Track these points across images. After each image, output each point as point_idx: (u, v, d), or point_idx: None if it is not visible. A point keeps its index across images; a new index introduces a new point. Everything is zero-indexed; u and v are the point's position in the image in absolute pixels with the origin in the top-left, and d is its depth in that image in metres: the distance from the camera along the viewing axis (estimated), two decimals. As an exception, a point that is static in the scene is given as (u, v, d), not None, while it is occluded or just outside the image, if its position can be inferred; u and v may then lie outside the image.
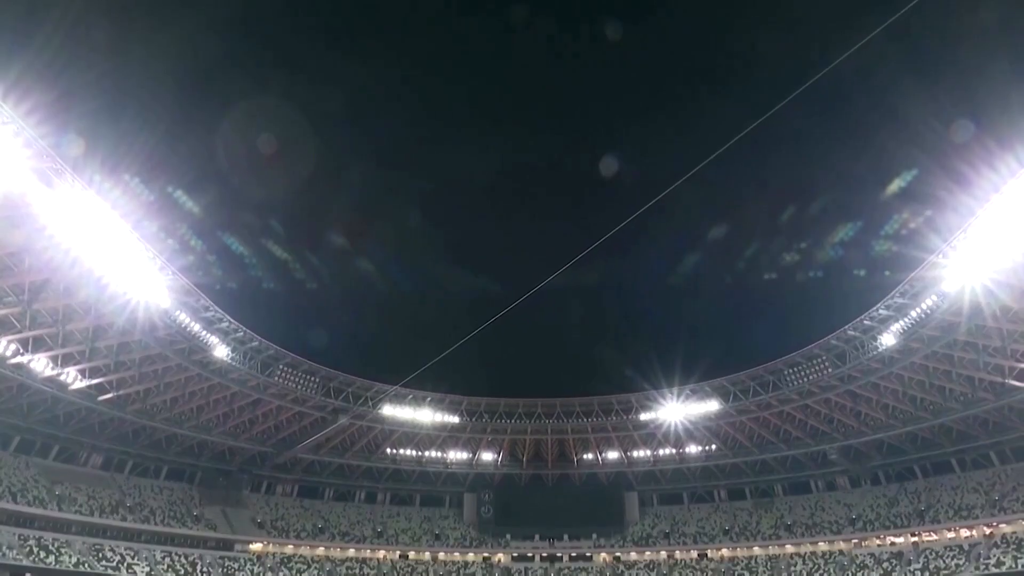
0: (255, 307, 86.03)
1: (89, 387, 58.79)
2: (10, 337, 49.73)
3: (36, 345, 51.85)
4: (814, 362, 66.43)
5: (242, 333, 61.65)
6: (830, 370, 65.49)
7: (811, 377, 67.23)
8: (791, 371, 68.31)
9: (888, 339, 58.75)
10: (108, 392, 60.72)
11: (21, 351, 51.37)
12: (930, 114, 59.04)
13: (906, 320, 56.27)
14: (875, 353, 60.81)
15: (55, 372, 54.79)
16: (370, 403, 74.21)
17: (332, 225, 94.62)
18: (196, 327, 57.06)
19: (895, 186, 66.91)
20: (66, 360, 54.78)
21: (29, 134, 37.02)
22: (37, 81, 36.51)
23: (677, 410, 74.69)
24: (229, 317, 59.63)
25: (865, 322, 59.70)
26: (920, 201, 58.91)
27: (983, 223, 44.68)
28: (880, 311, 57.88)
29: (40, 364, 53.36)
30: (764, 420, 75.72)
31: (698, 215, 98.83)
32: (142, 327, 53.40)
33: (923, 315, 54.66)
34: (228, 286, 76.89)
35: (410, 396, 75.74)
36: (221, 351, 60.55)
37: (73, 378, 56.69)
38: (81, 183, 41.08)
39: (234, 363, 62.57)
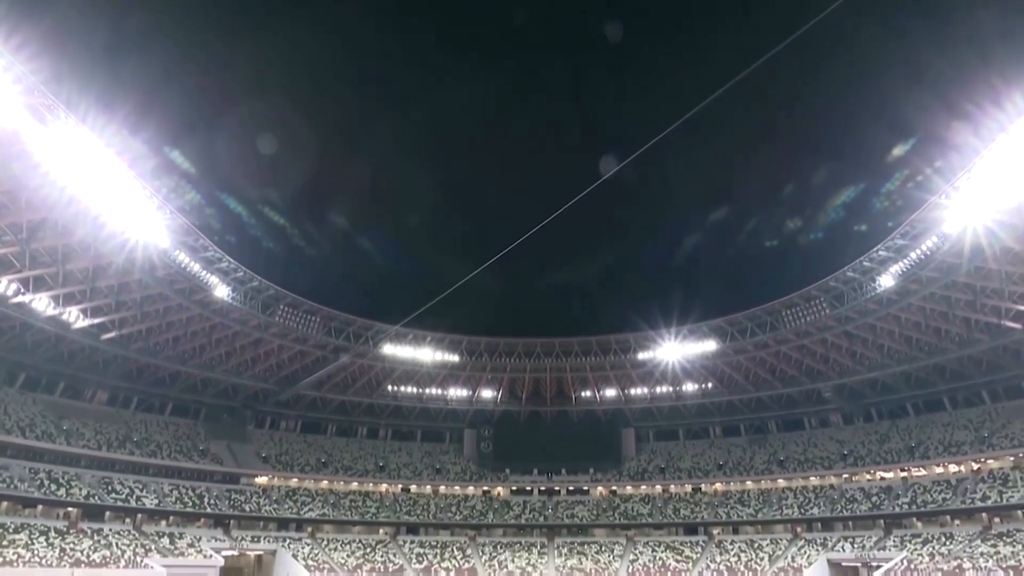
0: (254, 247, 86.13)
1: (91, 326, 59.27)
2: (10, 276, 49.80)
3: (37, 284, 51.92)
4: (812, 303, 66.72)
5: (242, 273, 61.67)
6: (827, 311, 65.86)
7: (809, 318, 67.67)
8: (789, 312, 68.71)
9: (887, 280, 58.84)
10: (110, 331, 61.24)
11: (22, 290, 51.51)
12: (935, 52, 57.70)
13: (905, 261, 56.22)
14: (873, 294, 61.03)
15: (57, 311, 55.11)
16: (371, 342, 74.90)
17: (330, 167, 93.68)
18: (196, 267, 57.03)
19: (898, 127, 65.98)
20: (67, 300, 54.98)
21: (19, 69, 36.08)
22: (26, 15, 35.35)
23: (675, 350, 75.46)
24: (229, 257, 59.54)
25: (864, 263, 59.66)
26: (923, 141, 58.18)
27: (987, 163, 44.09)
28: (880, 252, 57.75)
29: (41, 303, 53.62)
30: (760, 359, 76.63)
31: (700, 157, 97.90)
32: (141, 266, 53.37)
33: (923, 256, 54.58)
34: (227, 226, 76.74)
35: (410, 335, 76.38)
36: (221, 291, 60.70)
37: (75, 317, 57.08)
38: (75, 120, 40.32)
39: (235, 303, 62.82)
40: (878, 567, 61.79)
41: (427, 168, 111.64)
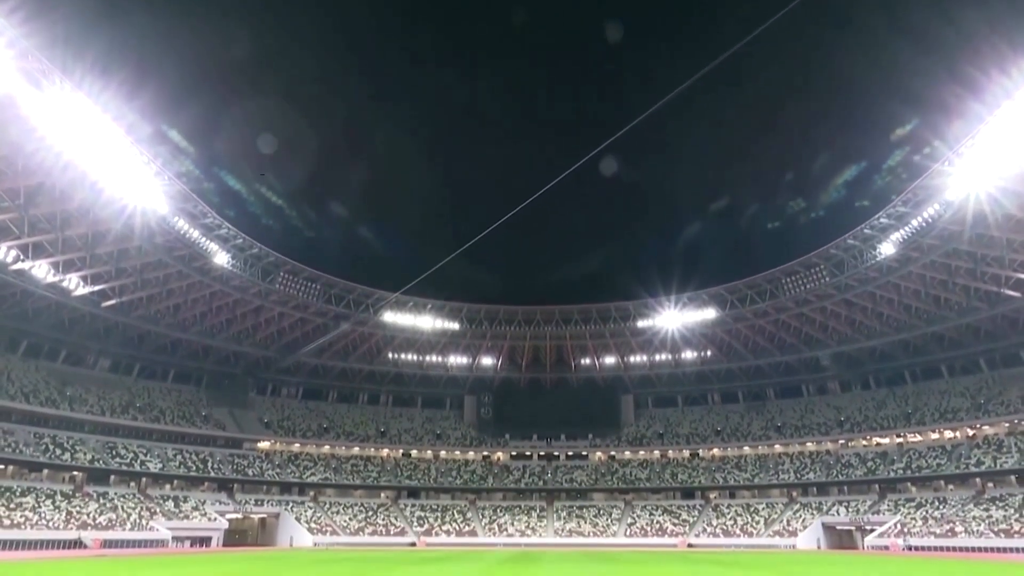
0: (254, 214, 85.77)
1: (92, 293, 59.31)
2: (9, 243, 49.70)
3: (36, 251, 51.85)
4: (812, 271, 66.68)
5: (241, 240, 61.54)
6: (827, 279, 65.87)
7: (808, 286, 67.69)
8: (789, 280, 68.69)
9: (887, 248, 58.74)
10: (111, 298, 61.31)
11: (21, 257, 51.45)
12: (941, 18, 56.74)
13: (906, 229, 56.06)
14: (873, 262, 60.98)
15: (57, 278, 55.10)
16: (371, 310, 75.04)
17: (329, 134, 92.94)
18: (195, 234, 56.87)
19: (903, 94, 65.21)
20: (67, 266, 54.95)
21: (12, 33, 35.57)
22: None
23: (674, 317, 75.67)
24: (228, 224, 59.38)
25: (865, 231, 59.49)
26: (928, 108, 57.53)
27: (992, 130, 43.72)
28: (881, 220, 57.55)
29: (41, 270, 53.59)
30: (760, 327, 76.87)
31: (703, 126, 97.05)
32: (140, 233, 53.23)
33: (924, 224, 54.43)
34: (226, 193, 76.40)
35: (410, 303, 76.50)
36: (221, 258, 60.61)
37: (75, 284, 57.10)
38: (71, 85, 39.90)
39: (235, 270, 62.80)
40: (872, 530, 62.80)
41: (427, 136, 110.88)
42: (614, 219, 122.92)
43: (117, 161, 45.92)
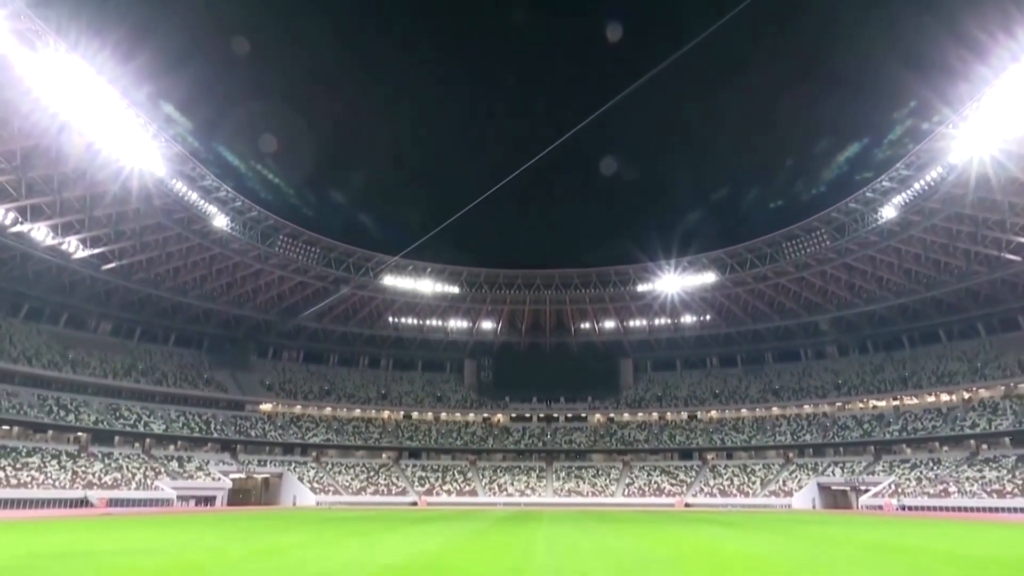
0: (253, 177, 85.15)
1: (91, 256, 59.30)
2: (8, 205, 49.54)
3: (34, 214, 51.72)
4: (813, 235, 66.52)
5: (240, 202, 61.29)
6: (828, 243, 65.74)
7: (809, 250, 67.59)
8: (789, 244, 68.56)
9: (888, 212, 58.51)
10: (111, 261, 61.32)
11: (20, 220, 51.33)
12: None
13: (908, 192, 55.77)
14: (874, 226, 60.79)
15: (56, 241, 55.05)
16: (371, 273, 75.05)
17: (328, 93, 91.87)
18: (193, 196, 56.62)
19: (908, 57, 64.21)
20: (66, 229, 54.84)
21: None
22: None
23: (674, 282, 75.70)
24: (227, 186, 59.06)
25: (867, 194, 59.19)
26: (933, 71, 56.74)
27: (997, 92, 43.19)
28: (883, 183, 57.20)
29: (40, 233, 53.52)
30: (759, 292, 76.97)
31: (705, 87, 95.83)
32: (138, 195, 52.99)
33: (926, 187, 54.14)
34: (224, 155, 75.78)
35: (410, 267, 76.47)
36: (220, 221, 60.44)
37: (75, 247, 57.06)
38: (65, 46, 39.38)
39: (234, 233, 62.66)
40: (866, 490, 63.76)
41: (426, 97, 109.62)
42: (615, 183, 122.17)
43: (113, 123, 45.55)
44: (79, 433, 61.83)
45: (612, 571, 13.19)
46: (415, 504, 68.78)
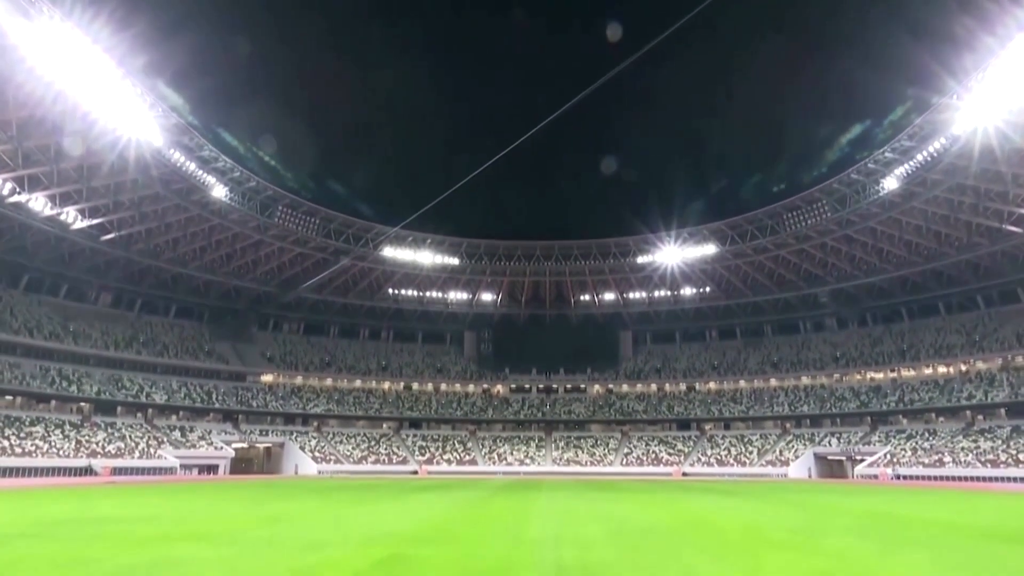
0: (251, 147, 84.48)
1: (90, 227, 59.13)
2: (5, 175, 49.29)
3: (32, 184, 51.48)
4: (814, 206, 66.27)
5: (239, 173, 60.95)
6: (829, 214, 65.54)
7: (809, 221, 67.39)
8: (790, 215, 68.33)
9: (890, 183, 58.25)
10: (109, 232, 61.18)
11: (17, 190, 51.10)
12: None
13: (911, 164, 55.47)
14: (876, 197, 60.56)
15: (54, 211, 54.85)
16: (370, 244, 74.92)
17: (327, 64, 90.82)
18: (192, 166, 56.29)
19: (911, 26, 63.23)
20: (64, 199, 54.63)
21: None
22: None
23: (674, 253, 75.61)
24: (225, 156, 58.68)
25: (869, 165, 58.87)
26: (937, 41, 55.97)
27: (1004, 62, 42.69)
28: (885, 154, 56.86)
29: (38, 203, 53.31)
30: (759, 264, 76.92)
31: (707, 55, 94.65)
32: (135, 165, 52.70)
33: (929, 158, 53.82)
34: (223, 125, 75.13)
35: (410, 238, 76.29)
36: (219, 191, 60.17)
37: (73, 218, 56.87)
38: (60, 15, 38.89)
39: (233, 203, 62.43)
40: (862, 460, 64.43)
41: (425, 66, 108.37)
42: (616, 152, 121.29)
43: (109, 92, 45.13)
44: (82, 403, 62.28)
45: (610, 537, 13.39)
46: (416, 473, 69.52)
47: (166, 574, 8.57)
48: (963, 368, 68.46)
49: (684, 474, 68.92)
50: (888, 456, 62.71)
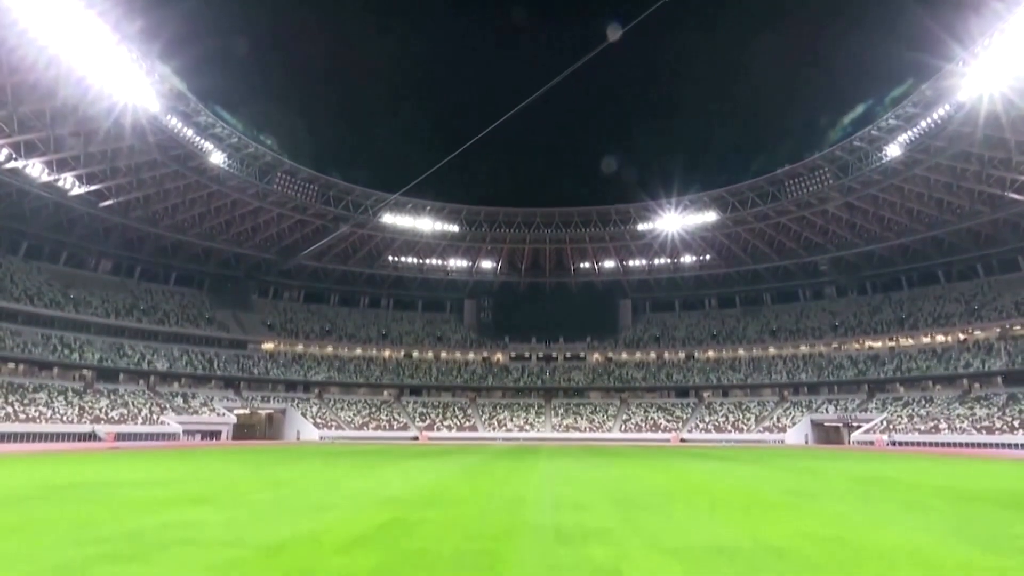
0: (250, 113, 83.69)
1: (88, 193, 58.87)
2: (1, 141, 48.88)
3: (28, 150, 51.12)
4: (816, 173, 65.86)
5: (237, 139, 60.46)
6: (831, 181, 65.18)
7: (811, 188, 67.06)
8: (792, 182, 67.96)
9: (893, 150, 57.82)
10: (108, 198, 60.91)
11: (14, 156, 50.74)
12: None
13: (915, 131, 54.96)
14: (878, 164, 60.18)
15: (52, 178, 54.56)
16: (370, 211, 74.63)
17: (326, 30, 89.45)
18: (189, 132, 55.81)
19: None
20: (61, 166, 54.30)
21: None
22: None
23: (674, 221, 75.38)
24: (223, 122, 58.13)
25: (872, 132, 58.35)
26: (942, 5, 55.02)
27: (1011, 28, 42.01)
28: (889, 121, 56.33)
29: (36, 170, 53.00)
30: (760, 231, 76.74)
31: (708, 21, 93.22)
32: (131, 131, 52.23)
33: (933, 125, 53.32)
34: (220, 91, 74.30)
35: (409, 205, 75.97)
36: (217, 158, 59.75)
37: (71, 184, 56.58)
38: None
39: (231, 170, 62.03)
40: (858, 426, 65.06)
41: (427, 32, 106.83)
42: (618, 119, 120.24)
43: (103, 57, 44.51)
44: (84, 371, 62.62)
45: (608, 501, 13.58)
46: (416, 439, 70.23)
47: (172, 536, 8.71)
48: (961, 337, 68.71)
49: (682, 440, 69.65)
50: (884, 423, 63.31)
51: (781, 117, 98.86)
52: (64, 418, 53.55)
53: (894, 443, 58.62)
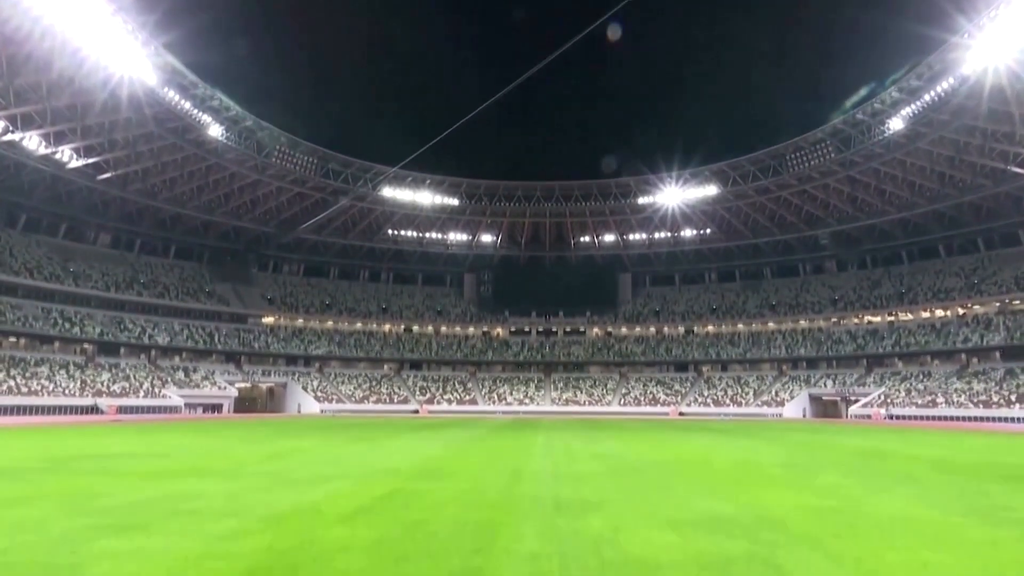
0: (247, 86, 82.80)
1: (86, 166, 58.56)
2: (-4, 114, 48.55)
3: (25, 122, 50.74)
4: (818, 147, 65.43)
5: (235, 112, 59.97)
6: (832, 155, 64.79)
7: (813, 162, 66.68)
8: (793, 156, 67.55)
9: (896, 124, 57.38)
10: (106, 171, 60.61)
11: (11, 128, 50.39)
12: None
13: (918, 104, 54.50)
14: (881, 138, 59.77)
15: (49, 150, 54.24)
16: (369, 185, 74.28)
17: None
18: (186, 105, 55.34)
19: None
20: (58, 138, 53.96)
21: None
22: None
23: (675, 194, 75.08)
24: (220, 95, 57.59)
25: (875, 105, 57.84)
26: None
27: (1017, 0, 41.41)
28: (892, 94, 55.83)
29: (33, 142, 52.66)
30: (760, 205, 76.47)
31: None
32: (128, 104, 51.77)
33: (937, 99, 52.84)
34: (217, 64, 73.48)
35: (409, 178, 75.61)
36: (215, 130, 59.34)
37: (68, 157, 56.27)
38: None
39: (230, 143, 61.63)
40: (856, 401, 65.46)
41: (426, 4, 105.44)
42: (619, 92, 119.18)
43: (99, 29, 43.98)
44: (85, 344, 62.81)
45: (607, 474, 13.70)
46: (416, 412, 70.72)
47: (175, 507, 8.80)
48: (960, 311, 68.82)
49: (681, 414, 70.13)
50: (882, 397, 63.67)
51: (783, 91, 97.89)
52: (66, 391, 53.86)
53: (891, 417, 59.03)
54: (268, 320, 79.85)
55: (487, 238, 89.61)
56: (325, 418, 56.64)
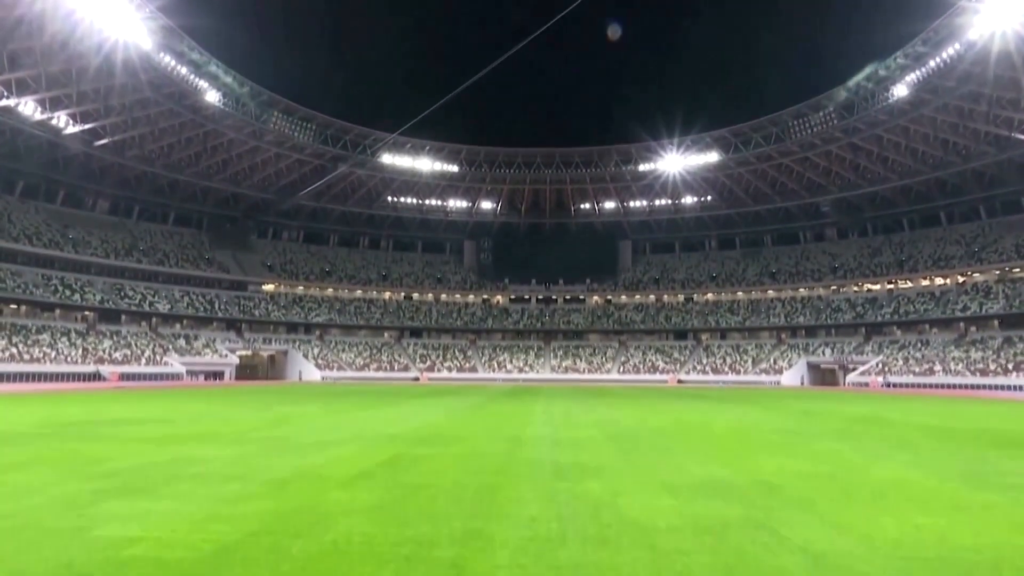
0: (244, 51, 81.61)
1: (82, 132, 58.09)
2: (-10, 79, 47.98)
3: (20, 87, 50.17)
4: (820, 113, 64.82)
5: (232, 77, 59.26)
6: (836, 121, 64.22)
7: (815, 129, 66.11)
8: (796, 122, 66.96)
9: (900, 90, 56.78)
10: (103, 137, 60.13)
11: (5, 94, 49.86)
12: None
13: (923, 70, 53.85)
14: (885, 104, 59.18)
15: (45, 116, 53.75)
16: (369, 151, 73.73)
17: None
18: (183, 70, 54.70)
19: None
20: (54, 104, 53.43)
21: None
22: None
23: (676, 161, 74.57)
24: (217, 60, 56.85)
25: (880, 72, 57.14)
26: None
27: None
28: (897, 60, 55.12)
29: (28, 108, 52.14)
30: (762, 172, 76.03)
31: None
32: (123, 69, 51.10)
33: (942, 65, 52.20)
34: (214, 27, 72.34)
35: (409, 144, 75.04)
36: (212, 96, 58.73)
37: (64, 122, 55.79)
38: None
39: (227, 108, 61.04)
40: (854, 369, 65.86)
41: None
42: (619, 57, 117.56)
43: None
44: (86, 312, 62.96)
45: (606, 440, 13.85)
46: (417, 380, 71.21)
47: (180, 471, 8.91)
48: (960, 279, 68.85)
49: (679, 381, 70.62)
50: (880, 365, 64.04)
51: (787, 57, 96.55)
52: (68, 359, 54.16)
53: (888, 385, 59.44)
54: (268, 287, 79.93)
55: (487, 205, 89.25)
56: (326, 385, 57.06)
